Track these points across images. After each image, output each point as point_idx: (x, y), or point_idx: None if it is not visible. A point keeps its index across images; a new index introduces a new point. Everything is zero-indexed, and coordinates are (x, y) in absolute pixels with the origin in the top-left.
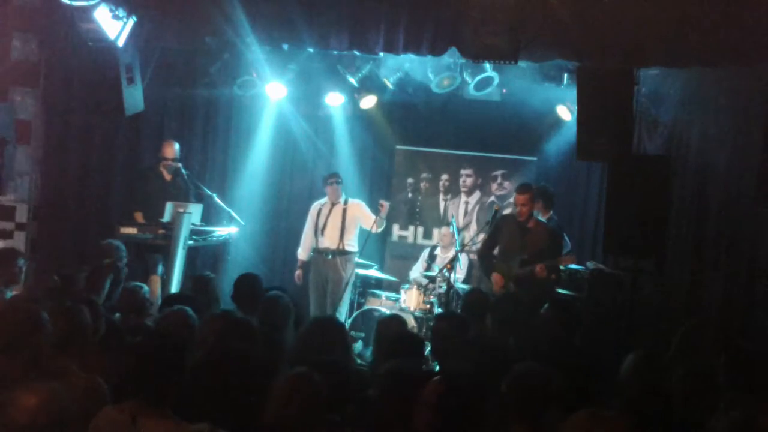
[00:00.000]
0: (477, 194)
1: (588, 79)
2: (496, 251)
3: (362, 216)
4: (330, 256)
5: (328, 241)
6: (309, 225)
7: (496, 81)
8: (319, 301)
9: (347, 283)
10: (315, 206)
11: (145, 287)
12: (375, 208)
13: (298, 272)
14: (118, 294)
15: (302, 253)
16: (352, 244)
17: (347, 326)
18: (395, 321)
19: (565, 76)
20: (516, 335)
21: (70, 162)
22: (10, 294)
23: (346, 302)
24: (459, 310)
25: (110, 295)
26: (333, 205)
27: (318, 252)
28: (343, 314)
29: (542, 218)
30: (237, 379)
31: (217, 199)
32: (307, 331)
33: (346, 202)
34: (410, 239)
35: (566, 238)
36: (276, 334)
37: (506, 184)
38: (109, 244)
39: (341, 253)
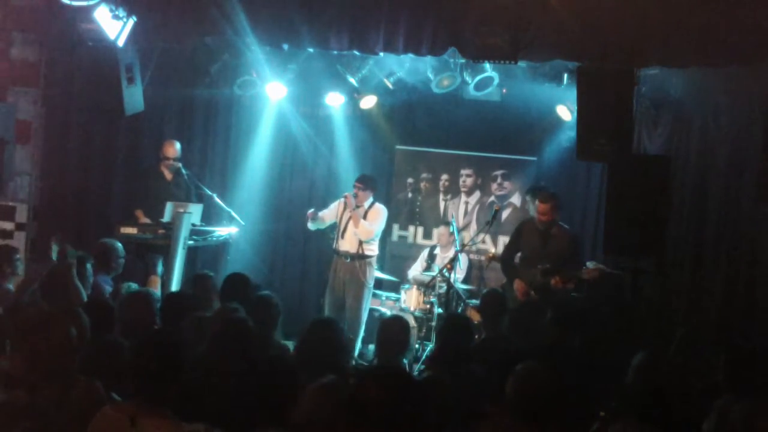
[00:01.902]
0: (477, 194)
1: (588, 79)
2: (518, 258)
3: (370, 216)
4: (349, 260)
5: (348, 244)
6: (331, 210)
7: (496, 81)
8: (334, 303)
9: (368, 288)
10: (341, 202)
11: (134, 286)
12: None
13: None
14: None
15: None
16: (371, 248)
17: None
18: (398, 322)
19: (565, 76)
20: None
21: (70, 162)
22: (11, 286)
23: (366, 307)
24: (476, 310)
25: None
26: (357, 207)
27: (338, 254)
28: (363, 319)
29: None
30: (235, 379)
31: (217, 199)
32: (307, 333)
33: (371, 206)
34: (410, 239)
35: None
36: (266, 333)
37: (506, 184)
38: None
39: (360, 257)
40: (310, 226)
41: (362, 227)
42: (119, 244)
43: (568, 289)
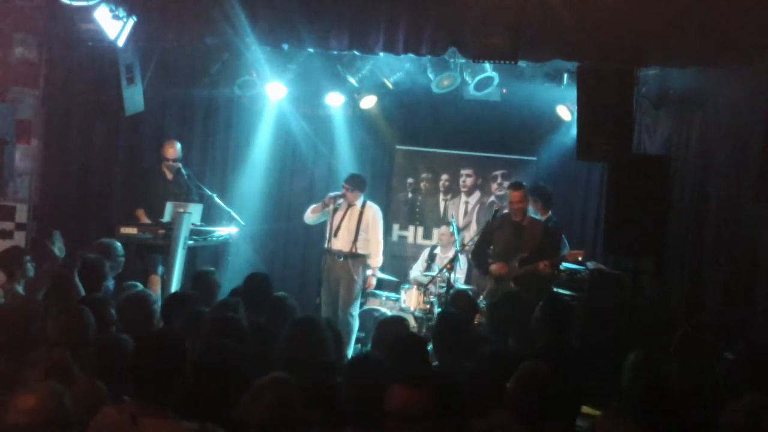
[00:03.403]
0: (477, 194)
1: (588, 79)
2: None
3: (371, 226)
4: (342, 258)
5: (341, 243)
6: (319, 207)
7: (496, 81)
8: (330, 301)
9: (359, 286)
10: (334, 197)
11: (140, 286)
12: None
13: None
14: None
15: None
16: (364, 247)
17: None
18: (396, 322)
19: (565, 76)
20: (515, 335)
21: (70, 162)
22: (20, 288)
23: (357, 304)
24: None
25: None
26: (349, 206)
27: (330, 253)
28: (355, 317)
29: (540, 217)
30: (233, 378)
31: (217, 199)
32: (290, 331)
33: (363, 205)
34: (410, 239)
35: (564, 239)
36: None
37: (506, 184)
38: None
39: (353, 256)
40: (312, 219)
41: (376, 247)
42: (118, 243)
43: (554, 276)
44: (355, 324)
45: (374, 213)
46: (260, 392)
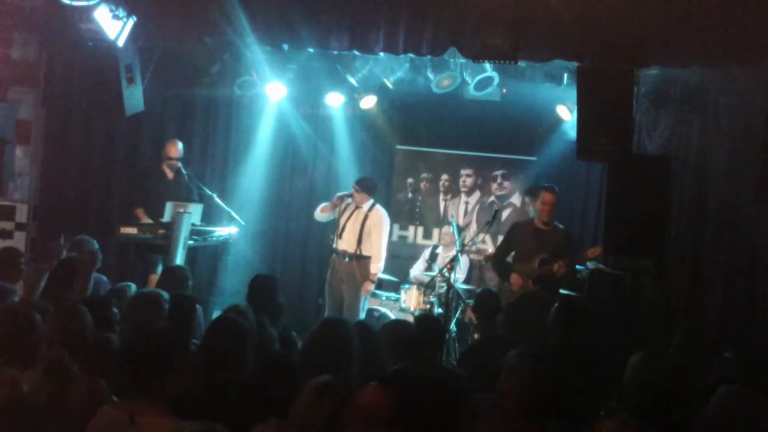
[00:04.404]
0: (477, 194)
1: (588, 79)
2: (510, 258)
3: (373, 230)
4: (347, 259)
5: (346, 244)
6: (328, 207)
7: (496, 81)
8: (334, 301)
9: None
10: (342, 197)
11: (133, 286)
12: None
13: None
14: None
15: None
16: (369, 249)
17: None
18: (399, 324)
19: (565, 76)
20: (527, 336)
21: (70, 162)
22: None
23: (364, 306)
24: (471, 309)
25: None
26: (356, 208)
27: (336, 253)
28: (361, 318)
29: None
30: (231, 377)
31: (217, 199)
32: (317, 331)
33: (371, 208)
34: (410, 239)
35: None
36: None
37: (506, 184)
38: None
39: (358, 257)
40: (323, 218)
41: (377, 252)
42: (93, 240)
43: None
44: None
45: (378, 217)
46: (322, 394)
